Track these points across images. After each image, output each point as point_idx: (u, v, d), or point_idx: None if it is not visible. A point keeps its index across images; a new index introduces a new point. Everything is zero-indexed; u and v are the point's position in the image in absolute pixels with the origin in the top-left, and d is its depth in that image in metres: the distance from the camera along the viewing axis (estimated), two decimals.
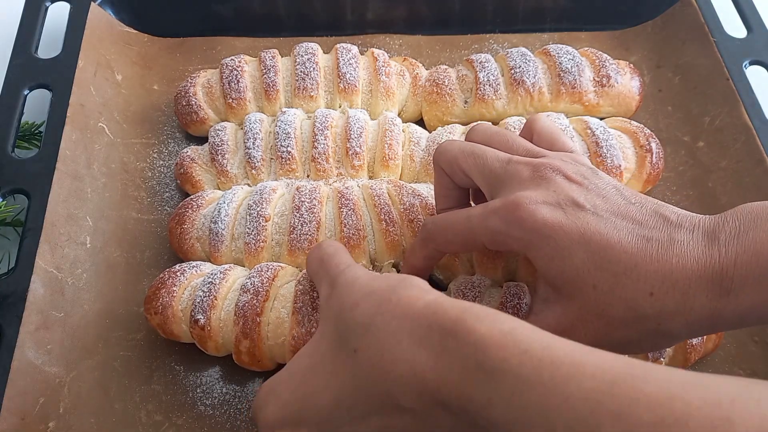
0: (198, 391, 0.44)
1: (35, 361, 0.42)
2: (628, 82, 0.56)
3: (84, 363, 0.44)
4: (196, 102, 0.55)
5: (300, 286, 0.43)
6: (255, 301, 0.42)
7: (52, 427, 0.42)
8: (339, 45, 0.57)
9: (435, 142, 0.52)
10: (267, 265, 0.44)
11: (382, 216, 0.47)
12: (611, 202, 0.35)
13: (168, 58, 0.62)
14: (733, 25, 0.59)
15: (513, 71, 0.55)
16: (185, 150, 0.54)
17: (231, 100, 0.55)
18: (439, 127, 0.54)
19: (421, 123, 0.57)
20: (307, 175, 0.52)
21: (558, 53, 0.55)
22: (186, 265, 0.46)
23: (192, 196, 0.51)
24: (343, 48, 0.56)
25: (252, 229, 0.46)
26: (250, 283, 0.43)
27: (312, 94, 0.55)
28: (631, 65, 0.58)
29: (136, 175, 0.54)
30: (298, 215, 0.46)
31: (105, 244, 0.50)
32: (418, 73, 0.58)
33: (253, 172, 0.51)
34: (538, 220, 0.34)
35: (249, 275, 0.44)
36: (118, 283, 0.49)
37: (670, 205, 0.35)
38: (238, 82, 0.55)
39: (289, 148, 0.51)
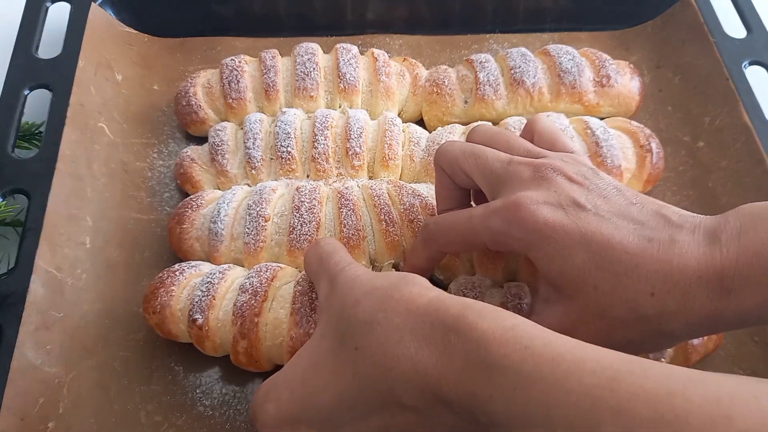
0: (198, 391, 0.44)
1: (35, 361, 0.42)
2: (628, 82, 0.56)
3: (84, 363, 0.44)
4: (196, 102, 0.55)
5: (299, 287, 0.43)
6: (253, 301, 0.42)
7: (51, 428, 0.41)
8: (339, 45, 0.57)
9: (435, 142, 0.52)
10: (266, 265, 0.44)
11: (382, 216, 0.46)
12: (612, 202, 0.35)
13: (168, 58, 0.62)
14: (733, 26, 0.59)
15: (513, 71, 0.55)
16: (185, 150, 0.54)
17: (231, 100, 0.55)
18: (439, 128, 0.54)
19: (421, 123, 0.57)
20: (307, 175, 0.52)
21: (558, 53, 0.55)
22: (185, 265, 0.46)
23: (192, 196, 0.51)
24: (343, 48, 0.56)
25: (251, 229, 0.46)
26: (249, 284, 0.43)
27: (312, 94, 0.55)
28: (631, 65, 0.58)
29: (136, 175, 0.54)
30: (297, 215, 0.46)
31: (105, 244, 0.50)
32: (418, 73, 0.58)
33: (253, 172, 0.51)
34: (539, 220, 0.34)
35: (248, 275, 0.44)
36: (118, 284, 0.49)
37: (671, 205, 0.35)
38: (238, 82, 0.55)
39: (289, 148, 0.51)
